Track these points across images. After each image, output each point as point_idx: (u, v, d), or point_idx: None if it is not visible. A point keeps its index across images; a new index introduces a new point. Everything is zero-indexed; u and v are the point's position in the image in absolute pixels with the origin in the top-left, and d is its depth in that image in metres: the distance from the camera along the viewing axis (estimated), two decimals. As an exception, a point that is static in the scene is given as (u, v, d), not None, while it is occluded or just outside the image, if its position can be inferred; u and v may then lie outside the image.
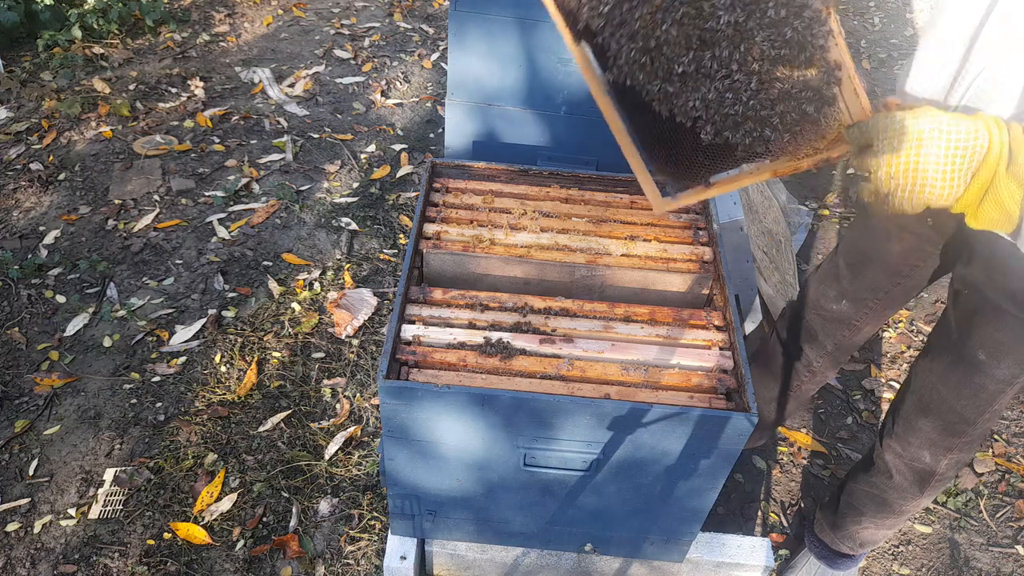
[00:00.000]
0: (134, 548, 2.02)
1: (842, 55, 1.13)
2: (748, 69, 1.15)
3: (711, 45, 1.15)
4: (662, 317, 1.57)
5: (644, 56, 1.20)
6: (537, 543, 1.81)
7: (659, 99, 1.23)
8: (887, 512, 1.74)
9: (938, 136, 0.99)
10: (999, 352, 1.33)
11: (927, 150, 0.99)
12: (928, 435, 1.53)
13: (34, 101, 3.55)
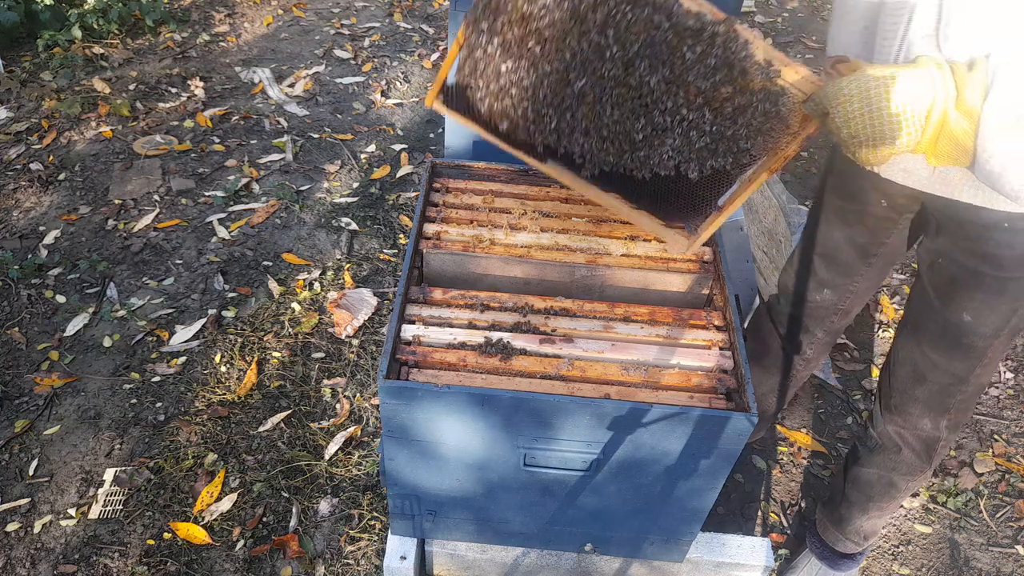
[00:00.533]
0: (134, 548, 2.02)
1: (767, 52, 1.20)
2: (696, 105, 1.24)
3: (655, 105, 1.25)
4: (662, 317, 1.57)
5: (604, 144, 1.31)
6: (537, 543, 1.81)
7: (637, 167, 1.33)
8: (893, 493, 1.75)
9: (884, 89, 1.05)
10: (983, 311, 1.37)
11: (877, 104, 1.05)
12: (926, 402, 1.56)
13: (34, 101, 3.55)
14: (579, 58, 1.24)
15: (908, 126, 1.06)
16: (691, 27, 1.19)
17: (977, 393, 1.54)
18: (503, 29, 1.26)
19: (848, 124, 1.10)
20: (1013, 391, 2.67)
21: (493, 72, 1.30)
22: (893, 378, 1.61)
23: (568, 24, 1.22)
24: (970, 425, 2.53)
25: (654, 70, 1.22)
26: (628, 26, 1.19)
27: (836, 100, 1.10)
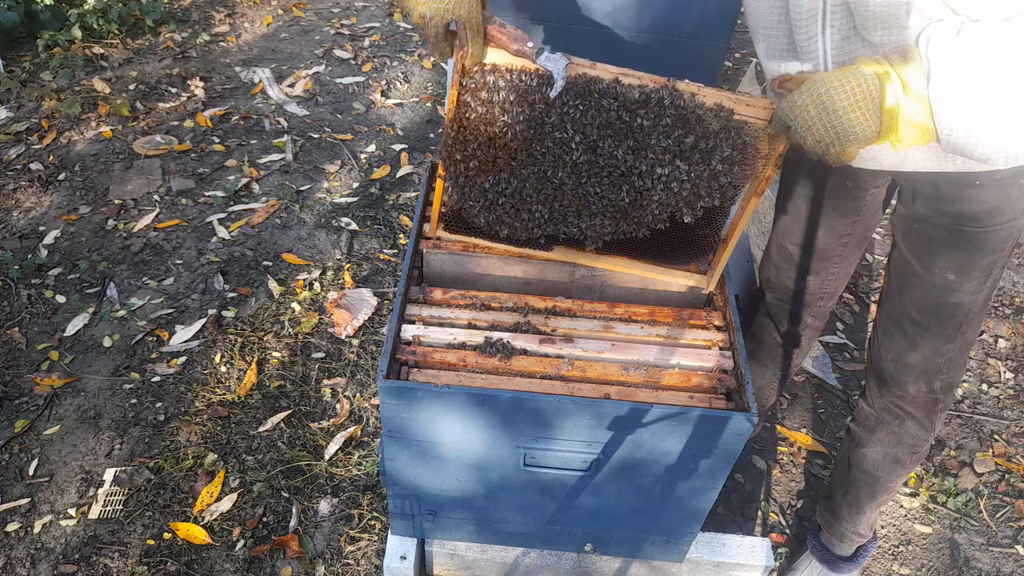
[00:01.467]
0: (134, 548, 2.02)
1: (715, 96, 1.31)
2: (668, 161, 1.34)
3: (630, 173, 1.35)
4: (662, 317, 1.57)
5: (597, 218, 1.42)
6: (537, 543, 1.81)
7: (634, 228, 1.43)
8: (899, 470, 1.76)
9: (834, 91, 1.11)
10: (966, 267, 1.41)
11: (831, 106, 1.12)
12: (919, 367, 1.58)
13: (34, 101, 3.55)
14: (549, 156, 1.36)
15: (864, 120, 1.11)
16: (637, 100, 1.30)
17: (965, 349, 1.56)
18: (474, 153, 1.37)
19: (810, 131, 1.15)
20: (1013, 391, 2.67)
21: (478, 191, 1.42)
22: (883, 349, 1.62)
23: (529, 132, 1.33)
24: (970, 425, 2.53)
25: (618, 145, 1.33)
26: (582, 117, 1.31)
27: (793, 113, 1.17)
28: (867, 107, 1.11)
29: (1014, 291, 3.08)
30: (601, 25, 1.69)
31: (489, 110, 1.31)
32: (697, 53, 1.71)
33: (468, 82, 1.29)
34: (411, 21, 1.24)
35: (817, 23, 1.22)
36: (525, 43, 1.24)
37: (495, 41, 1.25)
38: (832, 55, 1.24)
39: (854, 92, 1.11)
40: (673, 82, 1.29)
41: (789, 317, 1.88)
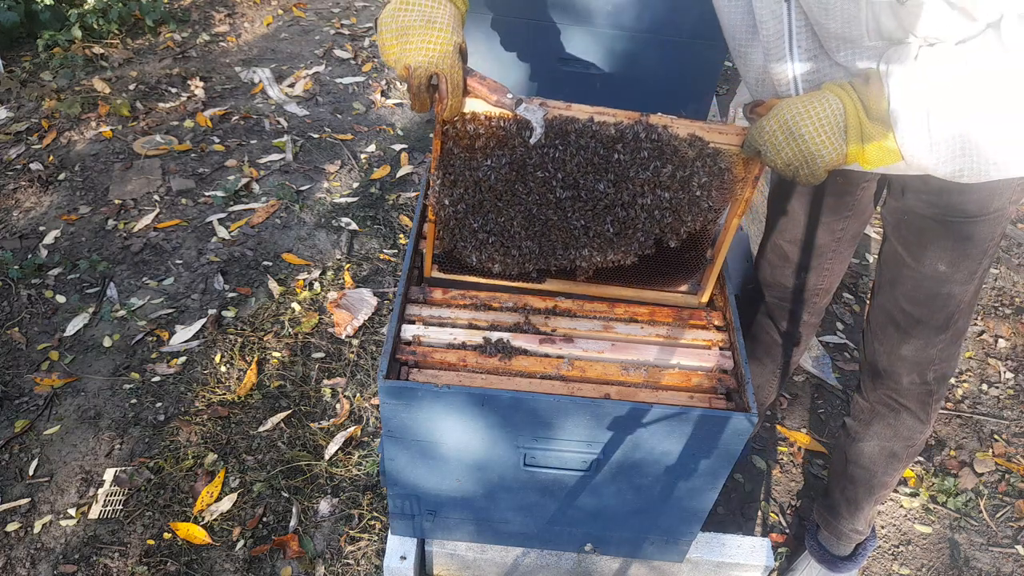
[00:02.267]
0: (134, 548, 2.02)
1: (688, 127, 1.37)
2: (648, 191, 1.39)
3: (613, 205, 1.41)
4: (662, 317, 1.57)
5: (585, 249, 1.47)
6: (537, 543, 1.81)
7: (622, 256, 1.48)
8: (896, 464, 1.77)
9: (801, 119, 1.17)
10: (956, 258, 1.43)
11: (797, 131, 1.18)
12: (912, 359, 1.59)
13: (34, 101, 3.55)
14: (534, 194, 1.40)
15: (830, 144, 1.17)
16: (613, 136, 1.35)
17: (957, 339, 1.57)
18: (462, 197, 1.41)
19: (779, 155, 1.21)
20: (1013, 391, 2.67)
21: (468, 232, 1.46)
22: (877, 342, 1.63)
23: (512, 174, 1.38)
24: (970, 425, 2.53)
25: (599, 180, 1.38)
26: (562, 156, 1.36)
27: (762, 138, 1.23)
28: (832, 131, 1.16)
29: (1014, 291, 3.08)
30: (601, 25, 1.69)
31: (472, 156, 1.37)
32: (697, 53, 1.71)
33: (450, 131, 1.34)
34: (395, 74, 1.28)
35: (784, 43, 1.25)
36: (504, 94, 1.29)
37: (475, 92, 1.30)
38: (801, 74, 1.28)
39: (819, 117, 1.16)
40: (646, 117, 1.35)
41: (786, 315, 1.89)
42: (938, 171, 1.13)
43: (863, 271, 3.07)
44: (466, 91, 1.29)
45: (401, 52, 1.20)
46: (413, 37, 1.19)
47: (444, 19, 1.21)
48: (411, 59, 1.20)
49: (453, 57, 1.21)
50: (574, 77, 1.79)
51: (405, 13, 1.21)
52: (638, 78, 1.78)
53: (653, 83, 1.78)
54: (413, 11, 1.21)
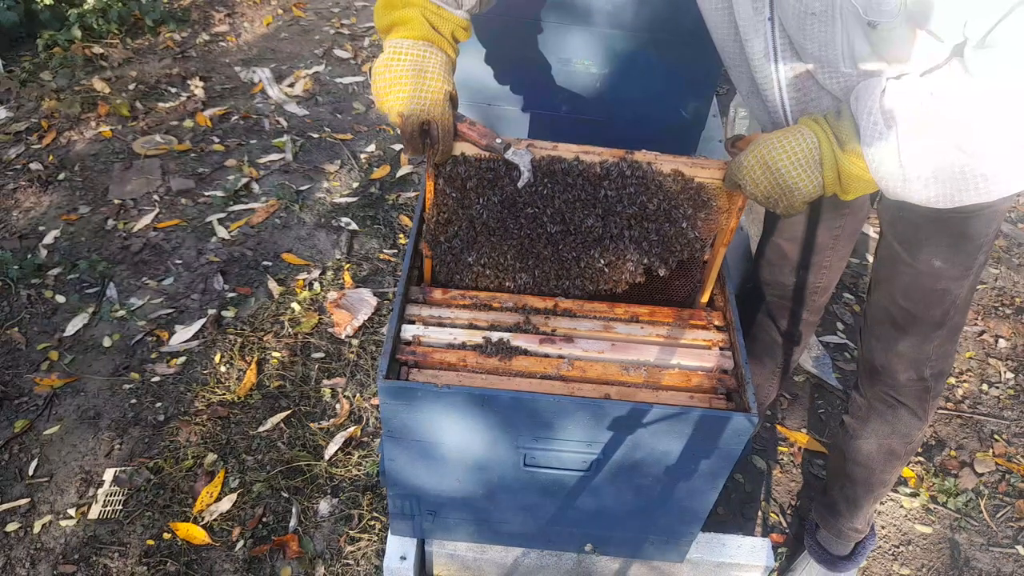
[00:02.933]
0: (134, 548, 2.02)
1: (672, 163, 1.42)
2: (634, 224, 1.45)
3: (602, 238, 1.47)
4: (662, 317, 1.57)
5: (577, 280, 1.53)
6: (537, 543, 1.80)
7: (614, 285, 1.53)
8: (894, 462, 1.78)
9: (777, 154, 1.22)
10: (951, 254, 1.44)
11: (774, 166, 1.22)
12: (908, 355, 1.60)
13: (34, 101, 3.55)
14: (525, 229, 1.47)
15: (806, 177, 1.21)
16: (599, 173, 1.42)
17: (954, 335, 1.58)
18: (456, 233, 1.48)
19: (758, 189, 1.27)
20: (1013, 391, 2.66)
21: (464, 266, 1.52)
22: (873, 339, 1.64)
23: (504, 212, 1.45)
24: (970, 425, 2.53)
25: (588, 215, 1.45)
26: (550, 193, 1.42)
27: (741, 173, 1.28)
28: (808, 165, 1.20)
29: (1014, 291, 3.08)
30: (601, 25, 1.69)
31: (465, 195, 1.43)
32: (697, 53, 1.71)
33: (443, 172, 1.41)
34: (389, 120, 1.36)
35: (770, 61, 1.27)
36: (493, 139, 1.35)
37: (465, 137, 1.36)
38: (787, 90, 1.30)
39: (794, 152, 1.20)
40: (631, 154, 1.41)
41: (786, 313, 1.89)
42: (913, 199, 1.15)
43: (863, 271, 3.07)
44: (457, 136, 1.35)
45: (394, 100, 1.25)
46: (405, 86, 1.25)
47: (435, 67, 1.26)
48: (404, 107, 1.25)
49: (444, 104, 1.27)
50: (574, 77, 1.79)
51: (397, 62, 1.25)
52: (638, 78, 1.77)
53: (653, 83, 1.78)
54: (405, 60, 1.26)
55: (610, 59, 1.75)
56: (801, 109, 1.33)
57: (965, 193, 1.11)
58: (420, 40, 1.27)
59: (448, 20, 1.30)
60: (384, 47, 1.29)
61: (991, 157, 1.06)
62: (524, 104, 1.86)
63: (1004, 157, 1.06)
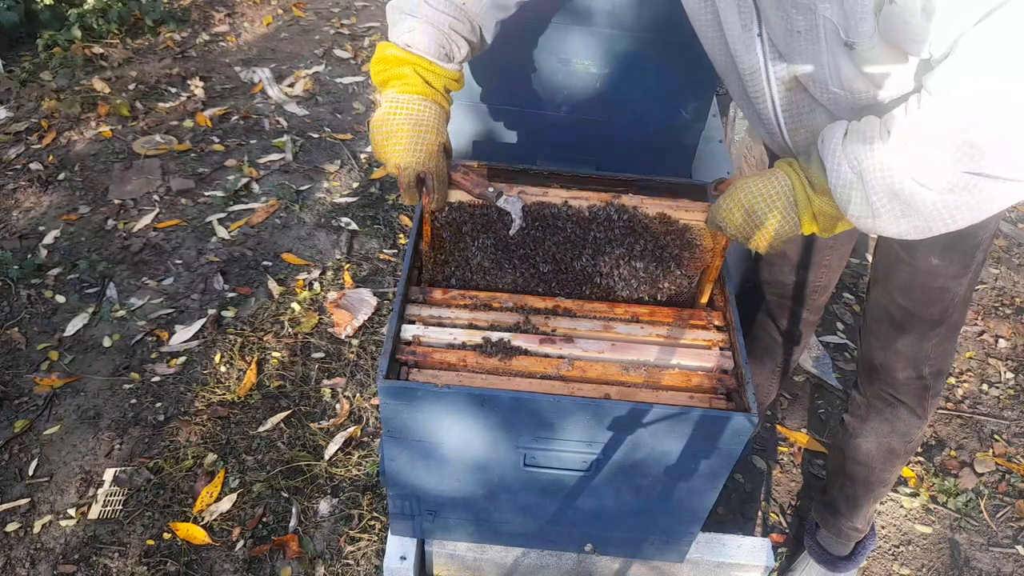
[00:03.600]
0: (134, 548, 2.02)
1: (655, 204, 1.49)
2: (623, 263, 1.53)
3: (592, 275, 1.55)
4: (662, 317, 1.57)
5: None
6: (537, 543, 1.80)
7: None
8: (894, 460, 1.78)
9: (753, 197, 1.27)
10: (948, 252, 1.44)
11: (751, 208, 1.28)
12: (907, 353, 1.60)
13: (34, 101, 3.55)
14: (519, 268, 1.54)
15: (782, 218, 1.26)
16: (588, 217, 1.49)
17: (953, 334, 1.58)
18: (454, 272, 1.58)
19: (739, 230, 1.32)
20: (1013, 391, 2.66)
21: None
22: (873, 337, 1.64)
23: (498, 254, 1.53)
24: (970, 425, 2.53)
25: (579, 255, 1.53)
26: (542, 236, 1.50)
27: (720, 216, 1.34)
28: (782, 207, 1.25)
29: (1014, 291, 3.08)
30: (601, 25, 1.69)
31: (460, 238, 1.51)
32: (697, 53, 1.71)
33: (439, 217, 1.48)
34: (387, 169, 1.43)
35: (761, 77, 1.29)
36: (486, 188, 1.42)
37: (459, 186, 1.42)
38: (780, 104, 1.31)
39: (769, 195, 1.25)
40: (617, 198, 1.49)
41: (786, 313, 1.89)
42: (888, 233, 1.18)
43: (863, 270, 3.06)
44: (451, 184, 1.41)
45: (391, 152, 1.32)
46: (402, 138, 1.32)
47: (430, 120, 1.33)
48: (400, 159, 1.32)
49: (438, 156, 1.34)
50: (574, 77, 1.78)
51: (394, 116, 1.32)
52: (638, 78, 1.77)
53: (653, 83, 1.78)
54: (401, 114, 1.33)
55: (610, 59, 1.74)
56: (796, 123, 1.34)
57: (934, 225, 1.14)
58: (416, 94, 1.34)
59: (441, 75, 1.36)
60: (381, 100, 1.36)
61: (949, 190, 1.08)
62: (524, 104, 1.86)
63: (957, 189, 1.07)
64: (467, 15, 1.35)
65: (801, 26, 1.13)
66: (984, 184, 1.06)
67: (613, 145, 1.90)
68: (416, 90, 1.34)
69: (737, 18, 1.24)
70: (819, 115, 1.29)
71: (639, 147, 1.90)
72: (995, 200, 1.07)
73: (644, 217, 1.49)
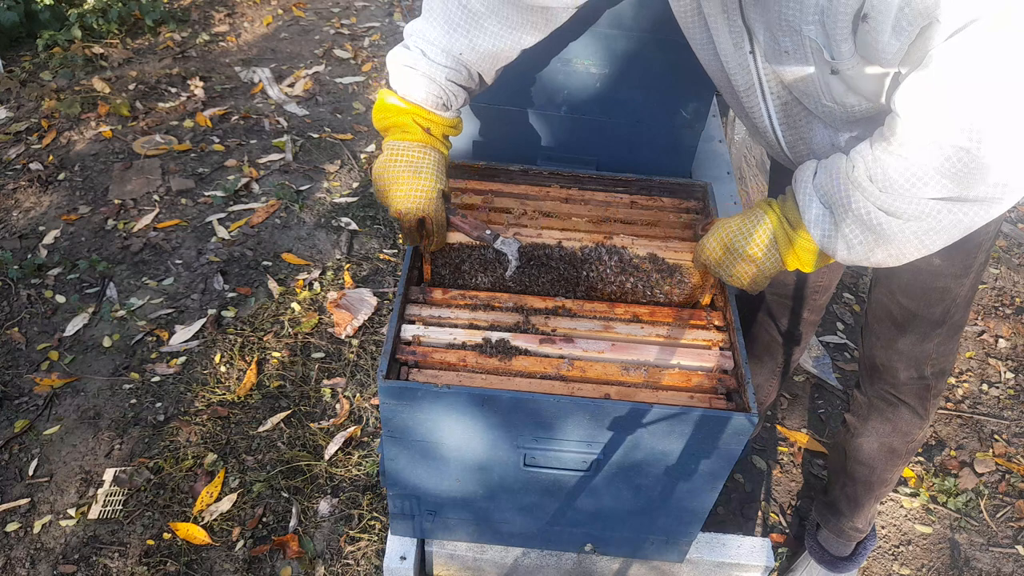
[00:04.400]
0: (134, 548, 2.02)
1: (645, 245, 1.56)
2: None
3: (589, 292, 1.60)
4: (662, 317, 1.57)
5: None
6: (537, 543, 1.80)
7: None
8: (895, 460, 1.78)
9: (735, 236, 1.33)
10: (950, 251, 1.43)
11: (731, 247, 1.33)
12: (908, 353, 1.60)
13: (34, 101, 3.55)
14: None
15: (763, 256, 1.30)
16: (580, 257, 1.55)
17: (954, 334, 1.58)
18: None
19: (721, 267, 1.37)
20: (1013, 391, 2.67)
21: None
22: (874, 337, 1.64)
23: (495, 290, 1.57)
24: (970, 425, 2.53)
25: (571, 292, 1.58)
26: (537, 274, 1.55)
27: (705, 255, 1.40)
28: (765, 246, 1.30)
29: (1014, 291, 3.08)
30: (601, 25, 1.69)
31: (459, 276, 1.57)
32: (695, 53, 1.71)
33: (438, 258, 1.55)
34: (388, 214, 1.62)
35: (757, 92, 1.31)
36: (484, 231, 1.49)
37: (458, 229, 1.50)
38: (777, 119, 1.33)
39: (750, 234, 1.31)
40: (608, 239, 1.56)
41: (786, 312, 1.89)
42: (865, 263, 1.22)
43: (863, 270, 3.06)
44: (450, 228, 1.49)
45: (393, 198, 1.40)
46: (403, 185, 1.39)
47: (429, 167, 1.40)
48: (402, 205, 1.39)
49: (437, 202, 1.41)
50: (574, 77, 1.78)
51: (395, 164, 1.40)
52: (638, 78, 1.77)
53: (653, 83, 1.78)
54: (401, 161, 1.40)
55: (610, 59, 1.74)
56: (794, 136, 1.35)
57: (908, 253, 1.17)
58: (415, 142, 1.42)
59: (439, 123, 1.43)
60: (383, 148, 1.43)
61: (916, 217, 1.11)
62: (524, 104, 1.86)
63: (924, 216, 1.10)
64: (464, 64, 1.40)
65: (788, 46, 1.15)
66: (950, 208, 1.08)
67: (613, 145, 1.90)
68: (416, 138, 1.42)
69: (729, 37, 1.26)
70: (816, 127, 1.30)
71: (639, 147, 1.90)
72: (963, 222, 1.10)
73: (635, 257, 1.55)
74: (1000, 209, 1.08)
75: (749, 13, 1.18)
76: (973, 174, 1.03)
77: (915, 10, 0.95)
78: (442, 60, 1.37)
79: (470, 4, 1.35)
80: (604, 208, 1.75)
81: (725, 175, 2.17)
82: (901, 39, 0.99)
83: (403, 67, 1.38)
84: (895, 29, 0.98)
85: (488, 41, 1.39)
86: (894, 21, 0.97)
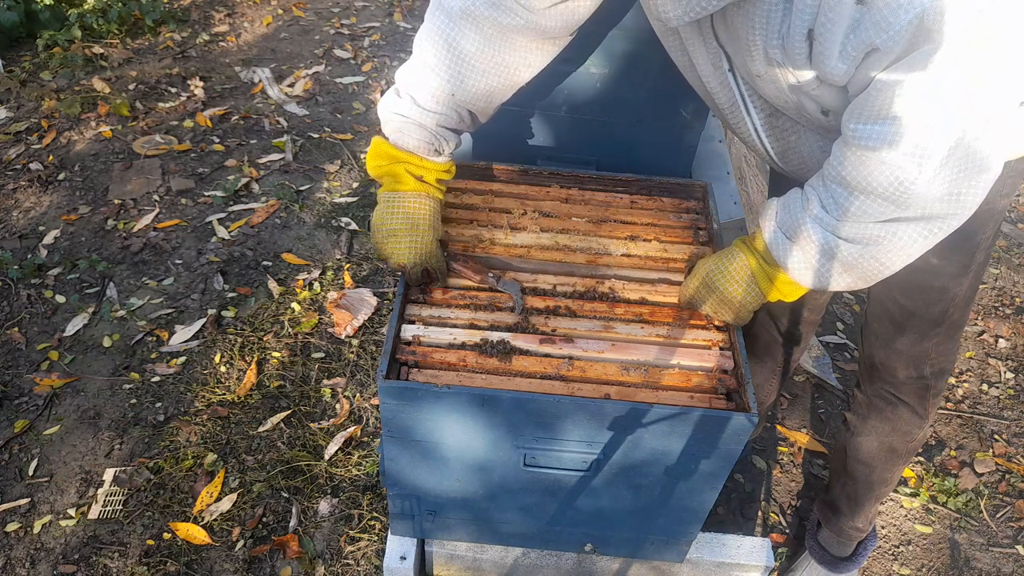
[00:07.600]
0: (134, 548, 2.02)
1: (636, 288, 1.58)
2: None
3: None
4: (662, 317, 1.57)
5: None
6: (537, 543, 1.80)
7: None
8: (895, 460, 1.78)
9: (715, 275, 1.39)
10: (947, 251, 1.45)
11: (711, 286, 1.40)
12: (908, 353, 1.61)
13: (34, 101, 3.55)
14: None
15: (743, 292, 1.36)
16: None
17: (954, 333, 1.58)
18: None
19: (706, 305, 1.44)
20: (1013, 391, 2.67)
21: None
22: (873, 336, 1.64)
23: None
24: (970, 425, 2.53)
25: None
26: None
27: (688, 294, 1.46)
28: (744, 282, 1.35)
29: (1014, 291, 3.08)
30: (600, 25, 1.69)
31: None
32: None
33: None
34: (390, 266, 1.64)
35: (740, 108, 1.33)
36: (486, 274, 1.54)
37: (460, 274, 1.55)
38: (764, 131, 1.35)
39: (728, 272, 1.36)
40: (601, 283, 1.58)
41: (787, 312, 1.89)
42: (838, 288, 1.27)
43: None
44: (451, 272, 1.54)
45: (392, 252, 1.45)
46: (402, 240, 1.44)
47: (425, 219, 1.45)
48: (403, 259, 1.45)
49: (437, 252, 1.48)
50: (574, 77, 1.78)
51: (391, 217, 1.44)
52: (638, 78, 1.77)
53: (653, 83, 1.78)
54: (398, 215, 1.44)
55: (610, 59, 1.74)
56: (783, 146, 1.37)
57: (870, 274, 1.22)
58: (409, 192, 1.45)
59: (431, 169, 1.46)
60: (378, 198, 1.47)
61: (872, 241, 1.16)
62: (524, 104, 1.86)
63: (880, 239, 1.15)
64: (457, 106, 1.42)
65: (759, 69, 1.17)
66: (901, 228, 1.14)
67: (613, 145, 1.90)
68: (409, 187, 1.45)
69: (707, 58, 1.28)
70: (804, 135, 1.32)
71: (639, 147, 1.90)
72: (919, 241, 1.15)
73: (625, 302, 1.56)
74: (954, 224, 1.14)
75: (721, 36, 1.21)
76: (912, 196, 1.08)
77: (859, 37, 0.99)
78: (432, 106, 1.39)
79: (460, 46, 1.34)
80: (604, 208, 1.75)
81: (725, 175, 2.17)
82: (847, 63, 1.03)
83: (394, 115, 1.40)
84: (841, 54, 1.02)
85: (481, 81, 1.39)
86: (840, 47, 1.01)
